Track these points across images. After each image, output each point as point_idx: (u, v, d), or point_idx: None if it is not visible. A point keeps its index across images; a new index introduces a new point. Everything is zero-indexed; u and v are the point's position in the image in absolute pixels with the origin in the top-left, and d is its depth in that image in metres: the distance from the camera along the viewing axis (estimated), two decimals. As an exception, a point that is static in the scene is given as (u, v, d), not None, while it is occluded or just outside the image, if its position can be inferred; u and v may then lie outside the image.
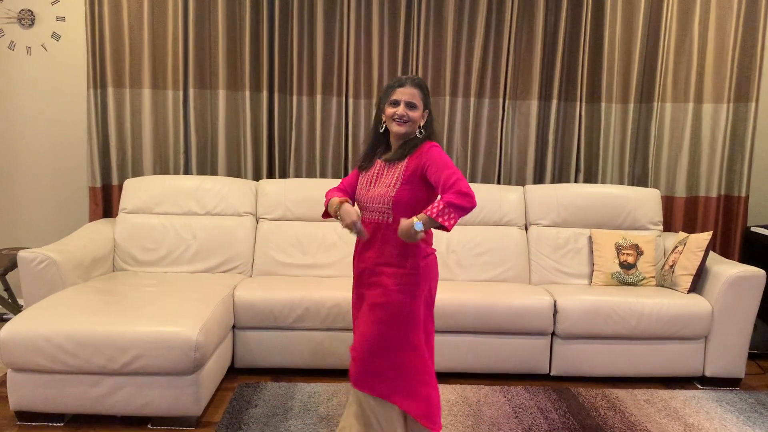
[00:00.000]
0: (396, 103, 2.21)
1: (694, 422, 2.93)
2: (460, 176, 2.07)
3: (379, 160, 2.32)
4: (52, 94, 4.11)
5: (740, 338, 3.35)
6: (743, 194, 4.21)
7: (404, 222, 2.02)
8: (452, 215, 2.01)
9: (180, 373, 2.66)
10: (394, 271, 2.19)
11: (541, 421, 2.90)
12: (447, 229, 2.04)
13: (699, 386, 3.41)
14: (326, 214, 2.46)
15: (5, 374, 3.05)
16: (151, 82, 3.98)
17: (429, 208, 2.04)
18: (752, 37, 4.09)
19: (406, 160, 2.22)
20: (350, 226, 2.20)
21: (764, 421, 2.97)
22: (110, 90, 3.95)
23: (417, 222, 1.99)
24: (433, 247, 2.32)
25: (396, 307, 2.16)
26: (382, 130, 2.31)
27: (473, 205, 2.04)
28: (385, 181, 2.24)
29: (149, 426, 2.76)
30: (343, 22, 3.99)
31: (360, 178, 2.39)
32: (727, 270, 3.34)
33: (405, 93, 2.20)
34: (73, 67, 4.07)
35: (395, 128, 2.22)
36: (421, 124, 2.26)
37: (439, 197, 2.10)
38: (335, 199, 2.32)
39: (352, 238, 2.39)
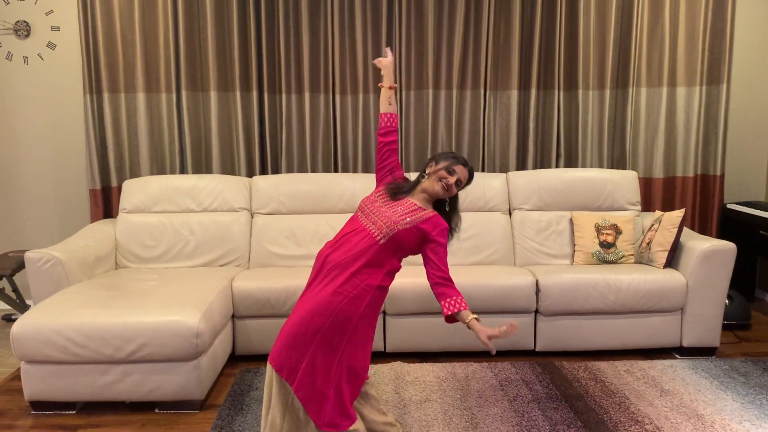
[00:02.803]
0: (452, 173, 2.50)
1: (670, 388, 3.11)
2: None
3: (408, 198, 2.51)
4: (50, 102, 4.26)
5: (714, 309, 3.52)
6: (718, 173, 4.38)
7: (489, 330, 2.25)
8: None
9: (183, 359, 2.83)
10: (351, 278, 2.31)
11: (526, 392, 3.07)
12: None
13: (677, 356, 3.58)
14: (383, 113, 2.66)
15: (19, 368, 3.24)
16: (145, 87, 4.13)
17: (464, 304, 2.34)
18: (721, 20, 4.24)
19: (430, 216, 2.44)
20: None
21: (736, 385, 3.14)
22: (106, 95, 4.11)
23: (475, 318, 2.31)
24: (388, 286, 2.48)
25: (335, 308, 2.27)
26: (423, 179, 2.56)
27: None
28: (399, 210, 2.44)
29: (156, 410, 2.94)
30: (327, 20, 4.15)
31: (377, 191, 2.57)
32: (699, 245, 3.51)
33: (462, 172, 2.51)
34: (69, 75, 4.22)
35: (437, 187, 2.49)
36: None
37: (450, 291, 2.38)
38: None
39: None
